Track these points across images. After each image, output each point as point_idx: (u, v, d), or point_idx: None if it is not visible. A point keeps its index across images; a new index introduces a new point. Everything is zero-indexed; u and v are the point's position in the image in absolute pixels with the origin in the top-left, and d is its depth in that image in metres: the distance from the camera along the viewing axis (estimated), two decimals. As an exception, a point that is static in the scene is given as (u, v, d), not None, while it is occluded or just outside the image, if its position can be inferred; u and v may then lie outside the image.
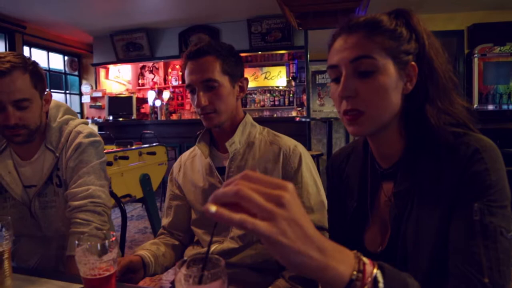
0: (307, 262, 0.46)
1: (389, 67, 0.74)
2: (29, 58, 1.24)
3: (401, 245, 0.76)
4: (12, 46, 5.49)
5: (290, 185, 0.47)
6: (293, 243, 0.45)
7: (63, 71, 7.10)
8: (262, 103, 7.20)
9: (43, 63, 6.58)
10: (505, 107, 5.05)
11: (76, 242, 0.72)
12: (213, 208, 0.45)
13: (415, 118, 0.78)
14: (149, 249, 1.23)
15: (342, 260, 0.49)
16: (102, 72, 7.13)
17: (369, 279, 0.49)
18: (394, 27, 0.76)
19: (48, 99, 1.32)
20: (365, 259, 0.51)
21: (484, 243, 0.64)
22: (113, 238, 0.74)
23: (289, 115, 6.61)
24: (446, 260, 0.69)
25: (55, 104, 1.38)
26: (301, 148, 1.24)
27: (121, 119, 6.49)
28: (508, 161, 0.71)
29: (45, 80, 1.29)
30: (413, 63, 0.76)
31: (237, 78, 1.23)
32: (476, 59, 5.08)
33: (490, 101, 5.09)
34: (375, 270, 0.50)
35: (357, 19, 0.78)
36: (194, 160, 1.35)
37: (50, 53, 6.69)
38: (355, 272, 0.49)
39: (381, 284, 0.49)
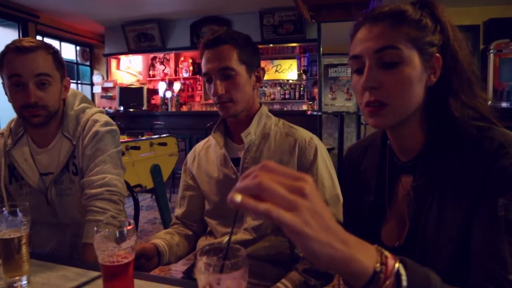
0: (332, 254, 0.46)
1: (414, 59, 0.73)
2: (51, 45, 1.28)
3: (420, 240, 0.75)
4: (25, 36, 5.54)
5: (309, 177, 0.47)
6: (317, 233, 0.45)
7: (75, 61, 7.15)
8: (272, 96, 7.18)
9: (55, 53, 6.62)
10: (519, 105, 4.97)
11: (95, 228, 0.72)
12: (238, 198, 0.44)
13: (438, 111, 0.76)
14: (163, 238, 1.23)
15: (365, 253, 0.49)
16: (113, 62, 7.17)
17: (392, 272, 0.49)
18: (419, 18, 0.74)
19: (67, 85, 1.34)
20: (386, 253, 0.51)
21: (508, 239, 0.63)
22: (131, 226, 0.75)
23: (299, 109, 6.59)
24: (468, 256, 0.68)
25: (72, 92, 1.39)
26: (317, 140, 1.23)
27: (131, 109, 6.52)
28: None
29: (65, 66, 1.33)
30: (437, 55, 0.75)
31: (254, 67, 1.22)
32: (491, 55, 4.99)
33: (505, 98, 5.01)
34: (397, 264, 0.50)
35: (381, 9, 0.76)
36: (208, 150, 1.34)
37: (62, 43, 6.75)
38: (378, 265, 0.48)
39: (403, 277, 0.49)
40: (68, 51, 6.99)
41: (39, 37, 5.98)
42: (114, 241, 0.72)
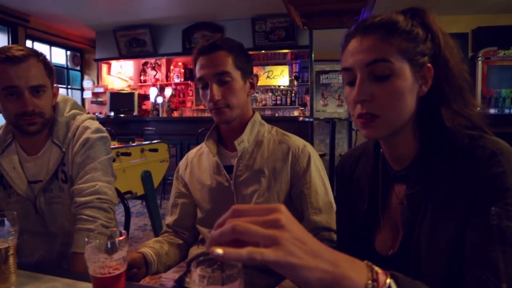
0: (322, 276, 0.46)
1: (405, 70, 0.73)
2: (39, 51, 1.27)
3: (413, 249, 0.75)
4: (15, 40, 5.49)
5: (282, 206, 0.48)
6: (303, 260, 0.45)
7: (65, 66, 7.09)
8: (264, 102, 7.20)
9: (45, 58, 6.57)
10: (507, 111, 5.06)
11: (86, 239, 0.71)
12: (220, 251, 0.45)
13: (430, 120, 0.76)
14: (152, 247, 1.21)
15: (356, 270, 0.49)
16: (104, 67, 7.12)
17: (384, 287, 0.49)
18: (410, 28, 0.74)
19: (56, 92, 1.32)
20: (377, 269, 0.50)
21: (501, 248, 0.63)
22: (123, 237, 0.73)
23: (291, 115, 6.61)
24: (461, 265, 0.68)
25: (62, 99, 1.37)
26: (310, 148, 1.23)
27: (122, 115, 6.48)
28: None
29: (54, 72, 1.31)
30: (429, 65, 0.75)
31: (248, 74, 1.23)
32: (480, 63, 5.08)
33: (493, 104, 5.09)
34: (388, 280, 0.50)
35: (372, 19, 0.76)
36: (201, 158, 1.34)
37: (53, 48, 6.70)
38: (369, 282, 0.48)
39: None
40: (59, 56, 6.94)
41: (29, 42, 5.93)
42: (105, 252, 0.70)
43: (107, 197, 1.23)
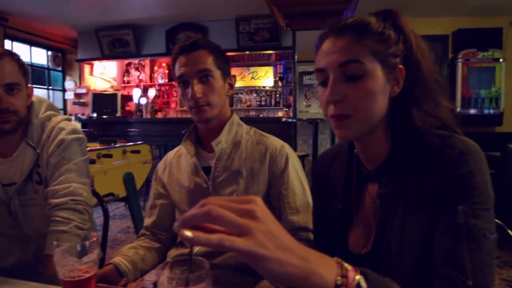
0: (291, 271, 0.46)
1: (377, 71, 0.74)
2: (13, 51, 1.27)
3: (385, 247, 0.76)
4: (-7, 40, 5.36)
5: (258, 199, 0.48)
6: (273, 253, 0.45)
7: (46, 66, 6.96)
8: (248, 103, 7.19)
9: (25, 58, 6.43)
10: (486, 111, 5.17)
11: (55, 242, 0.70)
12: (189, 234, 0.44)
13: (401, 121, 0.77)
14: (126, 254, 1.18)
15: (325, 266, 0.49)
16: (86, 68, 7.02)
17: (353, 283, 0.49)
18: (382, 30, 0.75)
19: (30, 93, 1.31)
20: (346, 265, 0.51)
21: (468, 246, 0.64)
22: (94, 239, 0.72)
23: (276, 116, 6.62)
24: (431, 264, 0.69)
25: (37, 100, 1.35)
26: (287, 148, 1.23)
27: (105, 116, 6.39)
28: (490, 164, 0.72)
29: (29, 72, 1.30)
30: (400, 66, 0.76)
31: (227, 74, 1.24)
32: (460, 64, 5.17)
33: (473, 105, 5.19)
34: (357, 276, 0.50)
35: (345, 20, 0.77)
36: (179, 159, 1.33)
37: (33, 48, 6.57)
38: (339, 278, 0.49)
39: None
40: (39, 56, 6.81)
41: (8, 41, 5.81)
42: (75, 255, 0.69)
43: (82, 199, 1.21)
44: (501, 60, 5.08)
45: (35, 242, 1.28)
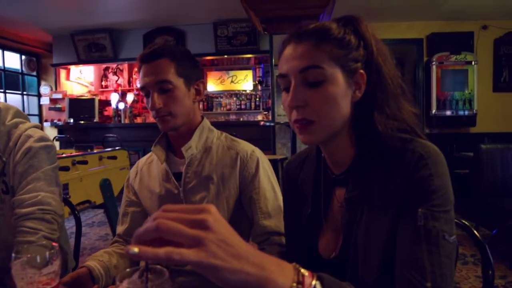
0: (246, 279, 0.46)
1: (337, 76, 0.75)
2: None
3: (352, 251, 0.77)
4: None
5: (212, 207, 0.48)
6: (226, 263, 0.45)
7: (20, 71, 6.79)
8: (228, 107, 7.18)
9: (-2, 62, 6.28)
10: (461, 113, 5.30)
11: (13, 254, 0.68)
12: (135, 249, 0.44)
13: (364, 125, 0.78)
14: (101, 260, 1.16)
15: (281, 273, 0.49)
16: (62, 72, 6.88)
17: None
18: (342, 35, 0.76)
19: None
20: (303, 271, 0.51)
21: (427, 248, 0.65)
22: (56, 249, 0.71)
23: (256, 119, 6.63)
24: (394, 265, 0.70)
25: (3, 106, 1.31)
26: (258, 153, 1.23)
27: (82, 122, 6.28)
28: (463, 164, 0.73)
29: None
30: (361, 71, 0.77)
31: (193, 81, 1.21)
32: (434, 67, 5.30)
33: (448, 107, 5.32)
34: (313, 281, 0.51)
35: (306, 26, 0.77)
36: (151, 165, 1.31)
37: (6, 52, 6.39)
38: (294, 284, 0.49)
39: None
40: (13, 60, 6.64)
41: (-21, 46, 5.65)
42: (34, 267, 0.67)
43: (50, 208, 1.18)
44: (473, 63, 5.24)
45: (2, 253, 1.24)
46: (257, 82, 6.99)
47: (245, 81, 7.18)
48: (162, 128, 1.18)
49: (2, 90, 6.28)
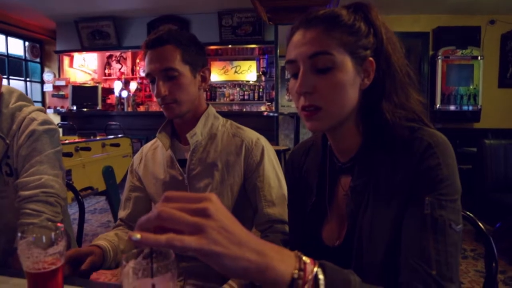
0: (246, 266, 0.47)
1: (346, 63, 0.74)
2: None
3: (356, 239, 0.77)
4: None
5: (213, 196, 0.48)
6: (227, 249, 0.46)
7: (24, 57, 6.78)
8: (231, 97, 7.17)
9: (1, 48, 6.27)
10: (465, 108, 5.28)
11: (19, 234, 0.68)
12: (137, 236, 0.44)
13: (371, 113, 0.78)
14: (111, 241, 1.14)
15: (282, 260, 0.49)
16: (66, 60, 6.87)
17: (310, 276, 0.50)
18: (352, 22, 0.75)
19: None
20: (305, 258, 0.51)
21: (433, 237, 0.65)
22: (62, 229, 0.71)
23: (259, 110, 6.63)
24: (400, 254, 0.70)
25: (7, 90, 1.30)
26: (263, 141, 1.23)
27: (85, 109, 6.28)
28: (466, 160, 0.73)
29: None
30: (370, 58, 0.76)
31: (199, 67, 1.20)
32: (439, 61, 5.26)
33: (452, 101, 5.29)
34: (315, 269, 0.51)
35: (316, 12, 0.76)
36: (155, 152, 1.31)
37: (9, 38, 6.38)
38: (296, 271, 0.49)
39: (321, 281, 0.50)
40: (16, 47, 6.63)
41: (-17, 31, 5.63)
42: (40, 247, 0.68)
43: (53, 191, 1.18)
44: (479, 58, 5.19)
45: (5, 235, 1.24)
46: (261, 73, 6.96)
47: (249, 72, 7.16)
48: (168, 115, 1.18)
49: (5, 76, 6.27)
